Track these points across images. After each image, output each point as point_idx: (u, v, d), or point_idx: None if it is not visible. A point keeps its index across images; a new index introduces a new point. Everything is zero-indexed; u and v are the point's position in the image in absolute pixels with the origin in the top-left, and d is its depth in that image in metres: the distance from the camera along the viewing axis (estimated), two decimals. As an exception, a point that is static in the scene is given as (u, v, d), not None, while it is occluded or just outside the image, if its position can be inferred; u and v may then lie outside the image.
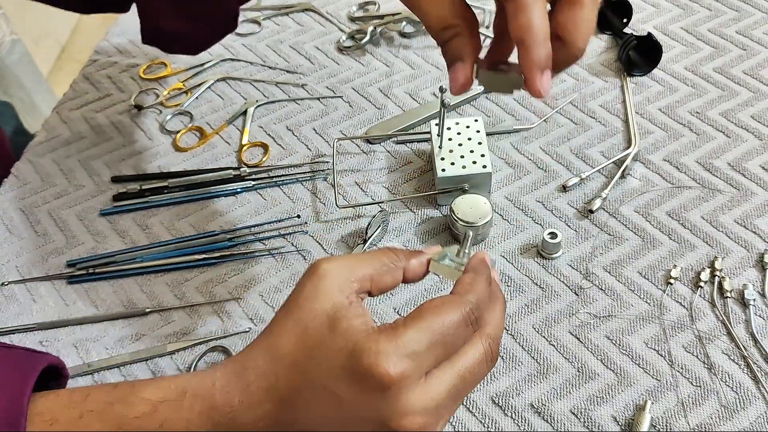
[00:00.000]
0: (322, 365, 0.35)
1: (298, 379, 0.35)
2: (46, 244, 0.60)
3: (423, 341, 0.34)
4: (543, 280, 0.54)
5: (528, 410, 0.47)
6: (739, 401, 0.47)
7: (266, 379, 0.36)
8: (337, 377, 0.34)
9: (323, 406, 0.35)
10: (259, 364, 0.36)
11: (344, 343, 0.34)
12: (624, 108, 0.66)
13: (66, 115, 0.71)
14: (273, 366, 0.36)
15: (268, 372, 0.36)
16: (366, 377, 0.33)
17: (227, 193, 0.62)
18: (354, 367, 0.34)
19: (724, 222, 0.56)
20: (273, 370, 0.36)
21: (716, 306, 0.51)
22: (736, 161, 0.60)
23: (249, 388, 0.36)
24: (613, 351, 0.50)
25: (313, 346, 0.35)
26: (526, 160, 0.62)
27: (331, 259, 0.37)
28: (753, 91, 0.66)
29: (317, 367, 0.35)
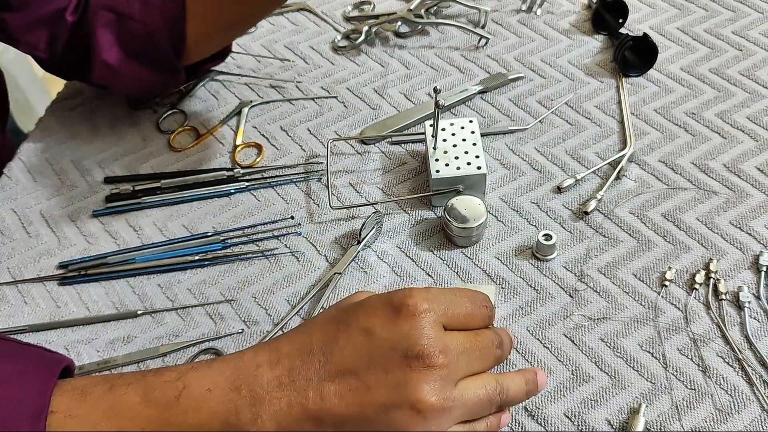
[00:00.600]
0: (359, 312, 0.40)
1: (333, 329, 0.39)
2: (38, 245, 0.59)
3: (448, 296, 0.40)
4: (537, 282, 0.54)
5: (522, 413, 0.47)
6: (734, 404, 0.46)
7: (299, 340, 0.39)
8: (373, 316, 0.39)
9: (356, 342, 0.38)
10: (293, 332, 0.41)
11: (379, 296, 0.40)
12: (619, 109, 0.66)
13: (60, 114, 0.71)
14: (306, 327, 0.40)
15: (302, 335, 0.40)
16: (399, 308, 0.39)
17: (221, 194, 0.62)
18: (390, 303, 0.39)
19: (719, 224, 0.56)
20: (306, 330, 0.40)
21: (711, 308, 0.51)
22: (732, 162, 0.60)
23: (279, 349, 0.39)
24: (608, 353, 0.49)
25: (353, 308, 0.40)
26: (521, 161, 0.62)
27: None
28: (749, 92, 0.66)
29: (354, 315, 0.40)
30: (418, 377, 0.37)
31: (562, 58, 0.71)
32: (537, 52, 0.72)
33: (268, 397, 0.38)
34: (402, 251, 0.56)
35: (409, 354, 0.37)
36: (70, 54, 0.62)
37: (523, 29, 0.74)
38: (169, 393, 0.38)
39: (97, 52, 0.60)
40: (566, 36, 0.73)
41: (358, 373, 0.38)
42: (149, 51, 0.61)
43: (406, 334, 0.38)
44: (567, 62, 0.70)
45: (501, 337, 0.42)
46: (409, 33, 0.75)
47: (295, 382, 0.38)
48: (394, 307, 0.39)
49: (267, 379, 0.38)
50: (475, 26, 0.74)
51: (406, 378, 0.37)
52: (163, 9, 0.59)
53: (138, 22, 0.59)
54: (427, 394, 0.37)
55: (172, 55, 0.62)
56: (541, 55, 0.71)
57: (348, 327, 0.39)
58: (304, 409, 0.37)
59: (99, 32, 0.60)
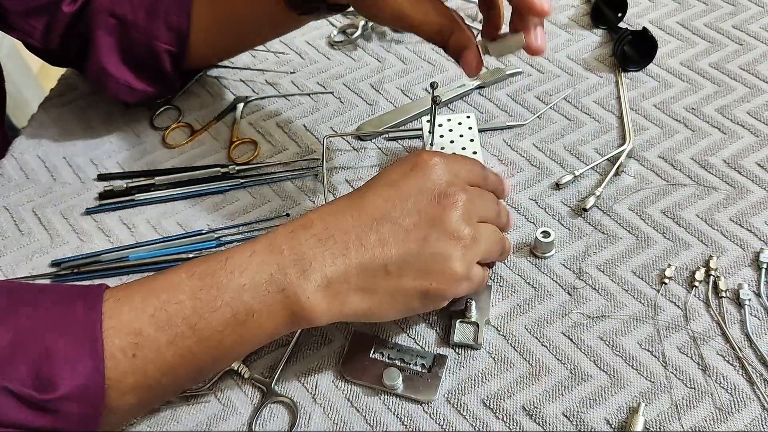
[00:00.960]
0: (378, 175, 0.46)
1: (357, 194, 0.45)
2: (30, 243, 0.59)
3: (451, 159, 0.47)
4: (536, 280, 0.53)
5: (519, 413, 0.46)
6: (734, 403, 0.46)
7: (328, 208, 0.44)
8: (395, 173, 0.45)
9: (383, 194, 0.44)
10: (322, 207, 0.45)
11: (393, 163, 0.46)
12: (618, 104, 0.65)
13: (53, 111, 0.70)
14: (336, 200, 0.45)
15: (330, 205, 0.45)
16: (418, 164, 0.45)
17: (215, 191, 0.61)
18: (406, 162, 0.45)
19: (719, 220, 0.55)
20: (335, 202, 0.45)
21: (711, 306, 0.51)
22: (732, 158, 0.60)
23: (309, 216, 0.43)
24: (607, 352, 0.49)
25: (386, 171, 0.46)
26: (519, 157, 0.61)
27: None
28: (749, 87, 0.65)
29: (374, 178, 0.46)
30: (448, 210, 0.43)
31: (560, 53, 0.70)
32: (535, 47, 0.71)
33: (310, 252, 0.41)
34: (399, 249, 0.56)
35: (438, 194, 0.43)
36: (66, 47, 0.62)
37: (521, 24, 0.73)
38: (213, 264, 0.41)
39: (94, 56, 0.60)
40: (565, 30, 0.72)
41: (392, 218, 0.43)
42: (149, 61, 0.61)
43: (429, 178, 0.44)
44: (566, 57, 0.70)
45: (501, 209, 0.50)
46: (406, 27, 0.74)
47: (333, 236, 0.42)
48: (414, 165, 0.44)
49: (304, 238, 0.42)
50: (472, 20, 0.73)
51: (438, 213, 0.43)
52: (168, 21, 0.60)
53: (141, 32, 0.60)
54: (459, 222, 0.43)
55: (171, 66, 0.62)
56: (540, 50, 0.71)
57: (373, 185, 0.45)
58: (347, 259, 0.42)
59: (99, 36, 0.60)
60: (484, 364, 0.49)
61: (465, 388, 0.48)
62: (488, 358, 0.49)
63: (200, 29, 0.61)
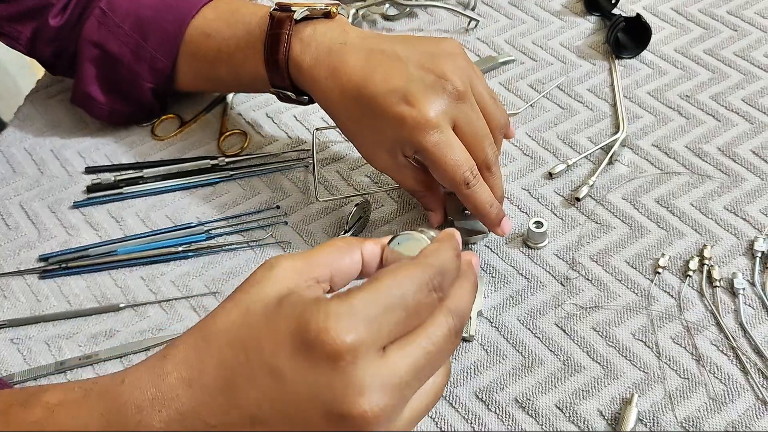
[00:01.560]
0: (263, 337, 0.30)
1: (232, 357, 0.30)
2: (17, 237, 0.58)
3: (379, 305, 0.30)
4: (528, 271, 0.53)
5: (512, 405, 0.46)
6: (728, 393, 0.46)
7: (188, 368, 0.31)
8: (281, 351, 0.30)
9: (263, 386, 0.30)
10: (181, 350, 0.31)
11: (291, 311, 0.30)
12: (612, 92, 0.64)
13: (40, 103, 0.69)
14: (200, 349, 0.31)
15: (192, 358, 0.31)
16: (314, 346, 0.29)
17: (205, 184, 0.60)
18: (300, 336, 0.29)
19: (713, 209, 0.55)
20: (200, 353, 0.31)
21: (705, 295, 0.50)
22: (727, 146, 0.59)
23: (166, 380, 0.31)
24: (600, 343, 0.48)
25: (254, 322, 0.31)
26: (512, 147, 0.61)
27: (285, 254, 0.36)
28: (744, 74, 0.64)
29: (257, 339, 0.30)
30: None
31: (553, 40, 0.69)
32: (528, 34, 0.70)
33: None
34: (390, 240, 0.55)
35: (336, 414, 0.29)
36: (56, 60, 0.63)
37: (513, 11, 0.72)
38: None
39: (79, 81, 0.61)
40: (558, 17, 0.71)
41: (269, 423, 0.30)
42: (132, 93, 0.61)
43: (327, 384, 0.29)
44: (559, 44, 0.69)
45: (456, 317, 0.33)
46: (397, 16, 0.73)
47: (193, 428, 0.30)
48: (307, 345, 0.29)
49: (153, 426, 0.30)
50: (464, 8, 0.72)
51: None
52: (152, 64, 0.59)
53: (126, 68, 0.60)
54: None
55: (155, 98, 0.62)
56: (533, 38, 0.70)
57: (249, 361, 0.30)
58: None
59: (84, 64, 0.60)
60: (477, 357, 0.48)
61: (457, 380, 0.47)
62: (481, 350, 0.49)
63: (185, 75, 0.60)
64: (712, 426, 0.44)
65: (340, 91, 0.50)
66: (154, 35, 0.59)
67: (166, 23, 0.58)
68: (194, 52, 0.58)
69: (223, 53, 0.57)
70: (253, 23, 0.55)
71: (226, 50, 0.56)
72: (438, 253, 0.33)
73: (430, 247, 0.34)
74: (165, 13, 0.59)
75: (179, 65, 0.59)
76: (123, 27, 0.59)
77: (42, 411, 0.33)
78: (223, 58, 0.57)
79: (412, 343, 0.31)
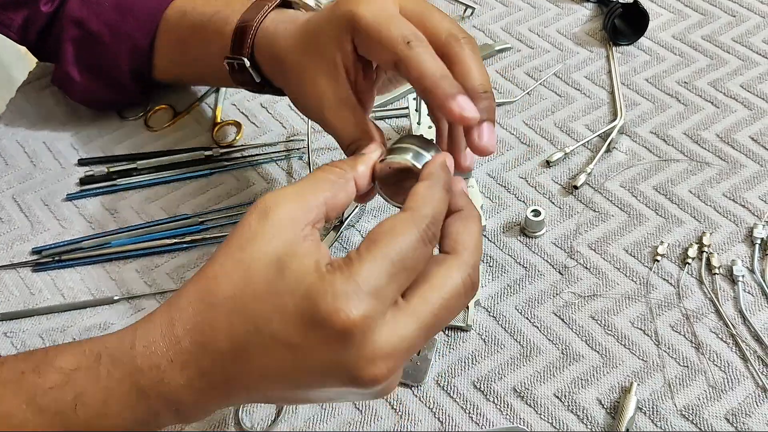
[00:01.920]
0: (270, 311, 0.31)
1: (242, 327, 0.31)
2: (10, 230, 0.57)
3: (383, 273, 0.31)
4: (526, 260, 0.52)
5: (510, 394, 0.46)
6: (728, 381, 0.45)
7: (200, 332, 0.32)
8: (292, 323, 0.31)
9: (276, 356, 0.31)
10: (190, 314, 0.32)
11: (295, 285, 0.31)
12: (609, 79, 0.64)
13: (32, 95, 0.68)
14: (208, 315, 0.32)
15: (202, 323, 0.32)
16: (325, 324, 0.30)
17: (199, 175, 0.60)
18: (310, 313, 0.30)
19: (712, 196, 0.54)
20: (208, 320, 0.32)
21: (704, 283, 0.50)
22: (725, 132, 0.59)
23: (179, 345, 0.32)
24: (598, 331, 0.48)
25: (258, 291, 0.31)
26: (509, 135, 0.60)
27: (277, 192, 0.34)
28: (742, 59, 0.64)
29: (265, 312, 0.31)
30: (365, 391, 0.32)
31: (550, 28, 0.69)
32: (525, 22, 0.69)
33: (189, 400, 0.33)
34: (387, 230, 0.55)
35: (351, 378, 0.31)
36: (42, 45, 0.62)
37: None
38: (61, 401, 0.33)
39: (61, 61, 0.60)
40: (554, 4, 0.71)
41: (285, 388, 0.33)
42: (112, 74, 0.60)
43: (339, 359, 0.31)
44: (555, 31, 0.68)
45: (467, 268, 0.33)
46: (392, 4, 0.72)
47: (213, 386, 0.32)
48: (318, 324, 0.30)
49: (177, 384, 0.32)
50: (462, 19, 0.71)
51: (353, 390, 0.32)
52: (131, 42, 0.58)
53: (105, 47, 0.59)
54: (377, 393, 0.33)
55: (134, 82, 0.61)
56: (529, 25, 0.69)
57: (259, 333, 0.31)
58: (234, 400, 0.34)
59: (65, 43, 0.59)
60: (474, 346, 0.48)
61: (455, 370, 0.47)
62: (478, 340, 0.48)
63: (163, 54, 0.59)
64: (711, 414, 0.44)
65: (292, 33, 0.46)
66: (133, 14, 0.58)
67: (146, 2, 0.57)
68: (170, 30, 0.57)
69: (196, 29, 0.55)
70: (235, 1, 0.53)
71: (200, 25, 0.54)
72: (428, 200, 0.34)
73: (419, 189, 0.34)
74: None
75: (157, 46, 0.58)
76: (104, 4, 0.58)
77: (58, 376, 0.33)
78: (196, 35, 0.55)
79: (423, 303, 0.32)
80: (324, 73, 0.43)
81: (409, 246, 0.32)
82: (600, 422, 0.44)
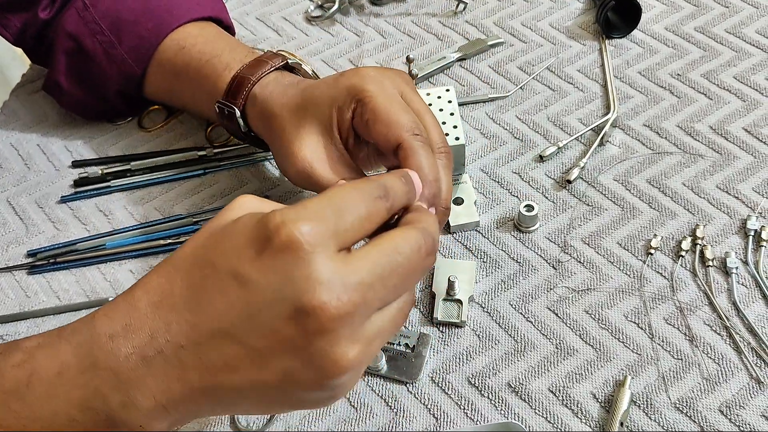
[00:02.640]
0: (225, 249, 0.31)
1: (199, 275, 0.31)
2: (5, 233, 0.57)
3: (331, 206, 0.31)
4: (520, 255, 0.52)
5: (505, 390, 0.46)
6: (722, 373, 0.45)
7: (158, 292, 0.32)
8: (243, 255, 0.30)
9: (229, 294, 0.30)
10: (152, 278, 0.32)
11: (249, 219, 0.31)
12: (602, 72, 0.63)
13: (25, 97, 0.68)
14: (169, 275, 0.32)
15: (162, 283, 0.32)
16: (272, 239, 0.30)
17: (193, 175, 0.60)
18: (258, 235, 0.30)
19: (705, 188, 0.54)
20: (168, 279, 0.32)
21: (698, 275, 0.50)
22: (719, 124, 0.58)
23: (136, 306, 0.32)
24: (592, 326, 0.48)
25: (217, 238, 0.32)
26: (502, 130, 0.60)
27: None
28: (735, 51, 0.64)
29: (220, 253, 0.31)
30: (316, 336, 0.29)
31: (543, 22, 0.69)
32: (517, 16, 0.69)
33: (134, 375, 0.31)
34: (380, 227, 0.55)
35: (298, 309, 0.29)
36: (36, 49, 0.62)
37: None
38: (17, 378, 0.32)
39: (52, 69, 0.61)
40: (547, -2, 0.71)
41: (239, 335, 0.30)
42: (100, 92, 0.61)
43: (288, 278, 0.29)
44: (548, 25, 0.68)
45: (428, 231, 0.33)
46: (384, 0, 0.72)
47: (163, 352, 0.31)
48: (266, 240, 0.30)
49: (125, 354, 0.31)
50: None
51: (302, 340, 0.30)
52: (122, 68, 0.59)
53: (97, 65, 0.59)
54: (334, 356, 0.30)
55: (124, 103, 0.62)
56: (522, 19, 0.69)
57: (215, 270, 0.31)
58: (187, 386, 0.31)
59: (58, 53, 0.60)
60: (469, 342, 0.48)
61: (449, 366, 0.47)
62: (473, 336, 0.48)
63: (154, 86, 0.60)
64: (705, 406, 0.44)
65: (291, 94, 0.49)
66: (129, 39, 0.58)
67: (144, 30, 0.58)
68: (164, 62, 0.58)
69: (192, 67, 0.55)
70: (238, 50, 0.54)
71: (197, 63, 0.55)
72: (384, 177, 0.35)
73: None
74: (146, 20, 0.58)
75: (148, 74, 0.59)
76: (101, 24, 0.58)
77: (21, 354, 0.33)
78: (190, 72, 0.55)
79: (375, 247, 0.32)
80: (319, 132, 0.46)
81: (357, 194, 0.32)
82: (594, 416, 0.44)
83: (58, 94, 0.62)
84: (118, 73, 0.59)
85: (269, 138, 0.51)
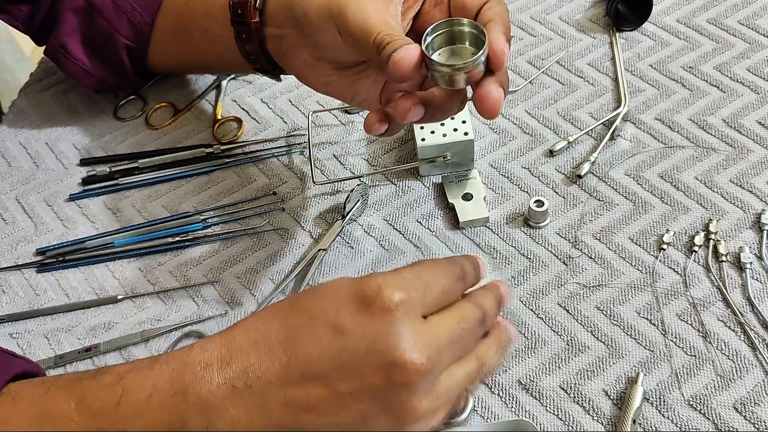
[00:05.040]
0: (325, 302, 0.34)
1: (298, 320, 0.34)
2: (14, 231, 0.57)
3: (422, 279, 0.35)
4: (530, 251, 0.52)
5: (516, 387, 0.45)
6: (736, 370, 0.45)
7: (255, 331, 0.35)
8: (342, 309, 0.34)
9: (324, 340, 0.33)
10: (250, 320, 0.35)
11: (348, 281, 0.35)
12: (613, 66, 0.63)
13: (33, 96, 0.68)
14: (267, 319, 0.35)
15: (260, 324, 0.35)
16: (372, 301, 0.33)
17: (201, 172, 0.60)
18: (359, 295, 0.34)
19: (719, 182, 0.54)
20: (266, 321, 0.35)
21: (711, 271, 0.49)
22: (732, 117, 0.58)
23: (233, 341, 0.34)
24: (604, 322, 0.48)
25: (317, 292, 0.35)
26: (511, 125, 0.60)
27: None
28: (749, 42, 0.63)
29: (320, 305, 0.34)
30: (400, 387, 0.33)
31: (552, 15, 0.68)
32: (526, 9, 0.69)
33: (220, 404, 0.33)
34: (389, 224, 0.54)
35: (387, 361, 0.32)
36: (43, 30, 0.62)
37: (511, -14, 0.71)
38: (106, 399, 0.34)
39: (57, 32, 0.60)
40: (556, -9, 0.70)
41: (327, 378, 0.33)
42: (108, 50, 0.60)
43: (382, 334, 0.33)
44: (558, 18, 0.67)
45: (484, 309, 0.37)
46: (392, -5, 0.72)
47: (251, 386, 0.33)
48: (365, 300, 0.33)
49: (217, 383, 0.33)
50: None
51: (386, 389, 0.33)
52: (132, 18, 0.59)
53: (105, 20, 0.59)
54: (411, 405, 0.33)
55: (130, 61, 0.61)
56: (531, 12, 0.68)
57: (312, 320, 0.34)
58: (267, 419, 0.33)
59: (65, 13, 0.59)
60: (479, 339, 0.48)
61: (459, 363, 0.47)
62: (482, 333, 0.48)
63: (162, 37, 0.59)
64: (719, 403, 0.43)
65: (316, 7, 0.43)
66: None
67: None
68: (173, 11, 0.57)
69: (197, 11, 0.55)
70: None
71: (202, 7, 0.54)
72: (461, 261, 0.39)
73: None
74: None
75: (156, 26, 0.58)
76: None
77: (111, 378, 0.35)
78: (198, 16, 0.55)
79: (448, 314, 0.36)
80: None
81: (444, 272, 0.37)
82: (606, 413, 0.44)
83: (62, 56, 0.61)
84: (127, 25, 0.59)
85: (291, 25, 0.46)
